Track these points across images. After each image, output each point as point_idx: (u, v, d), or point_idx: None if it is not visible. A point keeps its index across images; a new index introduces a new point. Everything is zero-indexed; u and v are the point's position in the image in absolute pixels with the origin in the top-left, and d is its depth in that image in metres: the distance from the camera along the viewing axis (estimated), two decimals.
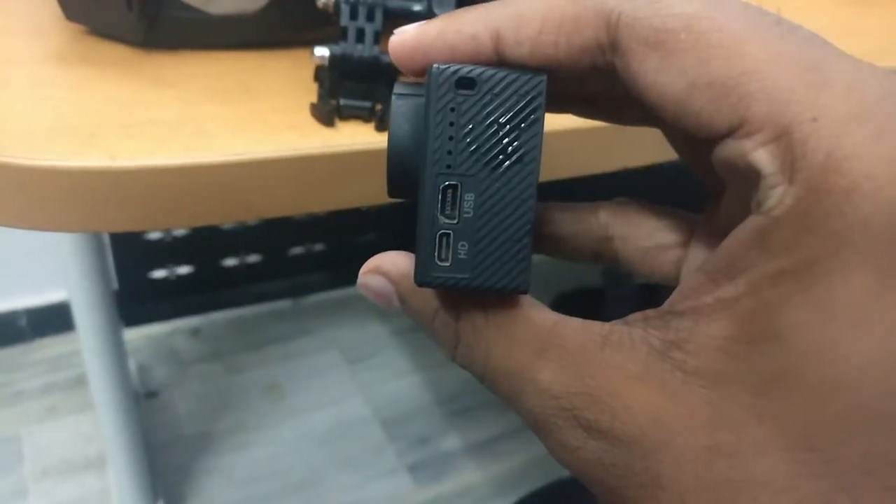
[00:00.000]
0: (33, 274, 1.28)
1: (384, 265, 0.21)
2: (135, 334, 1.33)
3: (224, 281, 1.37)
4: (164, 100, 0.36)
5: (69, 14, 0.41)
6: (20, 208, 0.32)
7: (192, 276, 1.33)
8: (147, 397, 1.23)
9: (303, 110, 0.37)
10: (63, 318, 1.22)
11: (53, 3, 0.41)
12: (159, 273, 1.30)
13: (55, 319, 1.31)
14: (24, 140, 0.32)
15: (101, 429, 0.96)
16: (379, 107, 0.37)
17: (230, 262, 1.36)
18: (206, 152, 0.33)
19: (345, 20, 0.36)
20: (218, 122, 0.35)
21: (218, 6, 0.39)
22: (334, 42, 0.36)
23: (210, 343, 1.36)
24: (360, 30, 0.36)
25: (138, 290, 1.28)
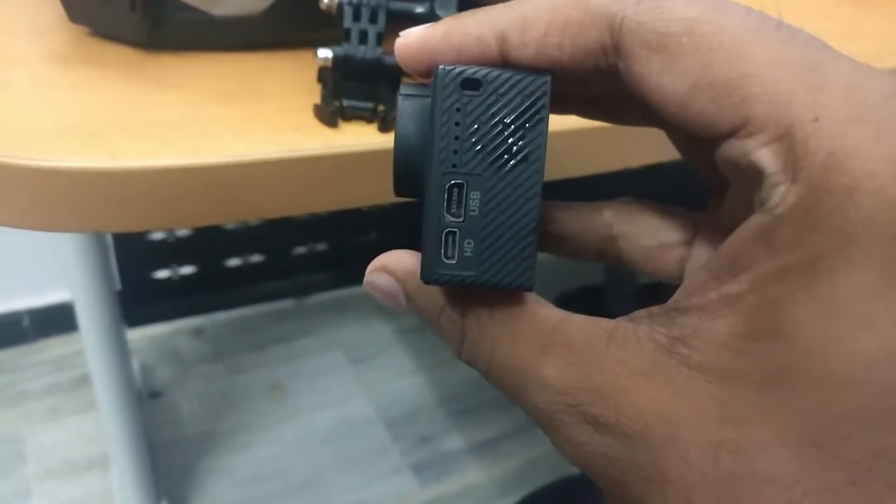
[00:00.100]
0: (36, 274, 1.29)
1: (390, 264, 0.21)
2: (138, 334, 1.33)
3: (227, 281, 1.37)
4: (167, 101, 0.36)
5: (72, 15, 0.41)
6: (22, 208, 0.32)
7: (194, 277, 1.33)
8: (150, 397, 1.23)
9: (306, 111, 0.37)
10: (66, 318, 1.23)
11: (56, 3, 0.41)
12: (162, 273, 1.30)
13: (58, 320, 1.32)
14: (27, 140, 0.32)
15: (104, 429, 0.96)
16: (382, 108, 0.37)
17: (233, 262, 1.36)
18: (209, 153, 0.33)
19: (348, 22, 0.36)
20: (221, 123, 0.35)
21: (221, 7, 0.39)
22: (337, 43, 0.36)
23: (213, 343, 1.36)
24: (363, 31, 0.36)
25: (141, 290, 1.28)
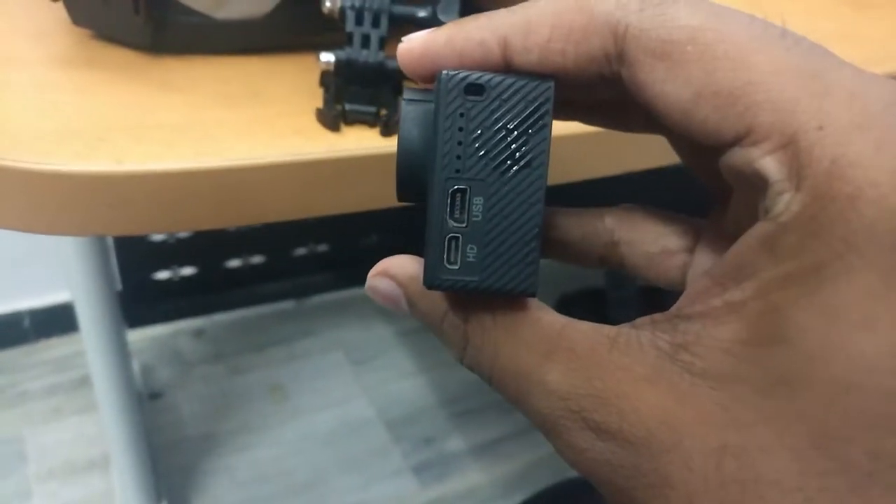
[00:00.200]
0: (37, 275, 1.29)
1: (392, 268, 0.21)
2: (138, 335, 1.33)
3: (227, 282, 1.37)
4: (170, 104, 0.36)
5: (75, 18, 0.42)
6: (25, 212, 0.32)
7: (195, 278, 1.33)
8: (151, 398, 1.24)
9: (309, 115, 0.37)
10: (67, 319, 1.23)
11: (59, 7, 0.41)
12: (163, 274, 1.30)
13: (59, 320, 1.32)
14: (32, 144, 0.32)
15: (104, 430, 0.96)
16: (384, 112, 0.37)
17: (233, 263, 1.36)
18: (212, 157, 0.33)
19: (350, 26, 0.36)
20: (224, 126, 0.35)
21: (224, 11, 0.39)
22: (340, 47, 0.36)
23: (214, 344, 1.36)
24: (366, 35, 0.36)
25: (142, 291, 1.29)
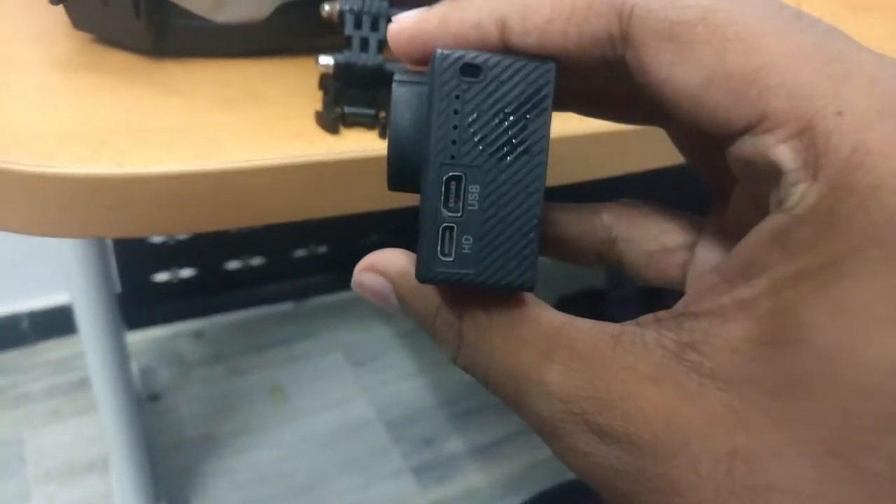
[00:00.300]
0: (36, 277, 1.29)
1: (381, 263, 0.20)
2: (138, 337, 1.33)
3: (227, 284, 1.37)
4: (171, 107, 0.37)
5: (76, 22, 0.42)
6: (27, 214, 0.32)
7: (194, 279, 1.33)
8: (150, 400, 1.24)
9: (308, 118, 0.37)
10: (66, 320, 1.23)
11: (60, 10, 0.41)
12: (162, 276, 1.30)
13: (58, 322, 1.32)
14: (33, 147, 0.32)
15: (104, 431, 0.96)
16: (383, 114, 0.37)
17: (233, 264, 1.36)
18: (213, 160, 0.33)
19: (349, 29, 0.36)
20: (225, 129, 0.35)
21: (224, 15, 0.39)
22: (339, 50, 0.36)
23: (213, 346, 1.36)
24: (364, 39, 0.36)
25: (141, 293, 1.29)
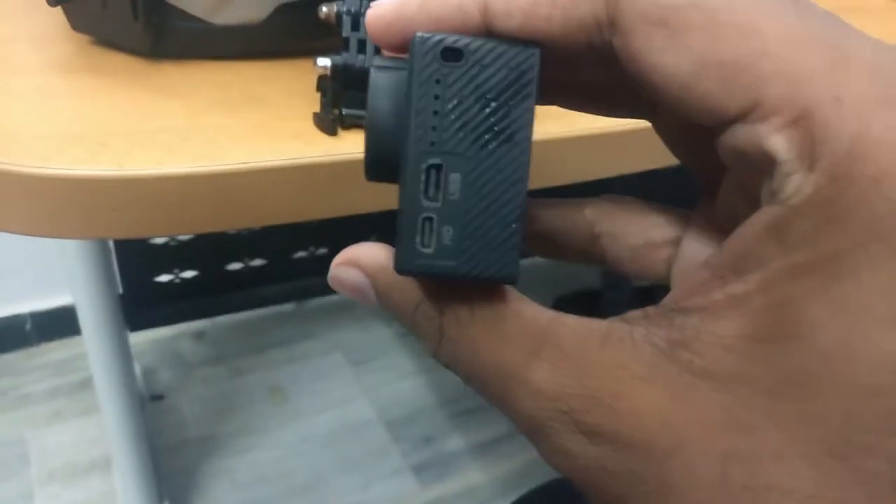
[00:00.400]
0: (38, 278, 1.29)
1: (359, 257, 0.19)
2: (140, 338, 1.34)
3: (228, 285, 1.37)
4: (170, 109, 0.37)
5: (75, 24, 0.42)
6: (27, 216, 0.32)
7: (196, 280, 1.33)
8: (152, 400, 1.24)
9: (306, 119, 0.37)
10: (68, 322, 1.23)
11: (59, 13, 0.42)
12: (164, 277, 1.30)
13: (60, 323, 1.32)
14: (33, 149, 0.32)
15: (106, 432, 0.96)
16: None
17: (234, 266, 1.36)
18: (212, 161, 0.33)
19: (346, 31, 0.36)
20: (224, 131, 0.35)
21: (223, 17, 0.40)
22: (337, 52, 0.36)
23: (214, 346, 1.37)
24: (362, 40, 0.36)
25: (143, 294, 1.29)
